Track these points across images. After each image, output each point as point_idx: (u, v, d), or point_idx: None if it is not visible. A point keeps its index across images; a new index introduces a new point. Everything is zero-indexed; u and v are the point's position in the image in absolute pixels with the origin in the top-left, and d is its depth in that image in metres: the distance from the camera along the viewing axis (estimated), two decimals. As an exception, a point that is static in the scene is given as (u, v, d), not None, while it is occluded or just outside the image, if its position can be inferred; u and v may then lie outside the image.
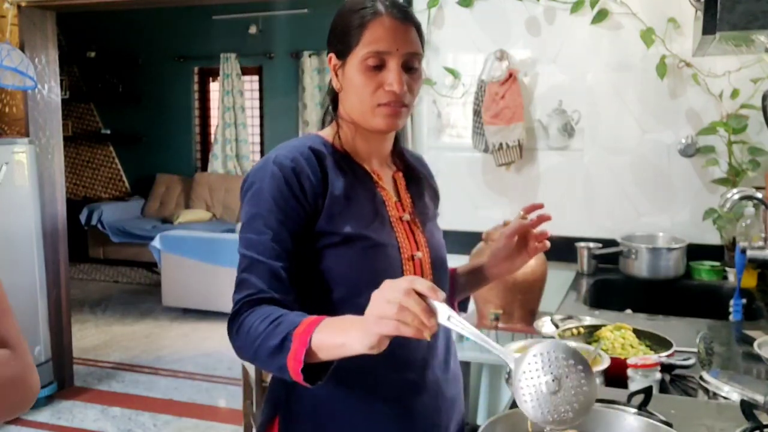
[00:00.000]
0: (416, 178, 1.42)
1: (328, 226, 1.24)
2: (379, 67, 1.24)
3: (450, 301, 1.46)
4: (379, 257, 1.26)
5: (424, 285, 0.97)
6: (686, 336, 1.74)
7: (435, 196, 1.49)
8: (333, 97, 1.34)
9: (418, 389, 1.28)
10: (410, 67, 1.26)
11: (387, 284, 1.00)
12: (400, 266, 1.28)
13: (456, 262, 1.32)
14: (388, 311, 0.97)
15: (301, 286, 1.23)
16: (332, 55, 1.30)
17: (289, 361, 1.06)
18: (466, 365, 3.01)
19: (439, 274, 1.36)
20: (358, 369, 1.16)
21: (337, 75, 1.30)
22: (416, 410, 1.28)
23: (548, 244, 1.40)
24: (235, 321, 1.17)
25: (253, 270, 1.19)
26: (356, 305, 1.10)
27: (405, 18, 1.27)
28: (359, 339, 1.01)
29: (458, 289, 1.52)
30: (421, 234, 1.34)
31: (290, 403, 1.28)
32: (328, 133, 1.35)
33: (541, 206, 1.43)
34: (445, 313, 0.97)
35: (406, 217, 1.34)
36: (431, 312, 0.97)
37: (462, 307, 1.57)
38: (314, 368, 1.07)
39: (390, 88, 1.24)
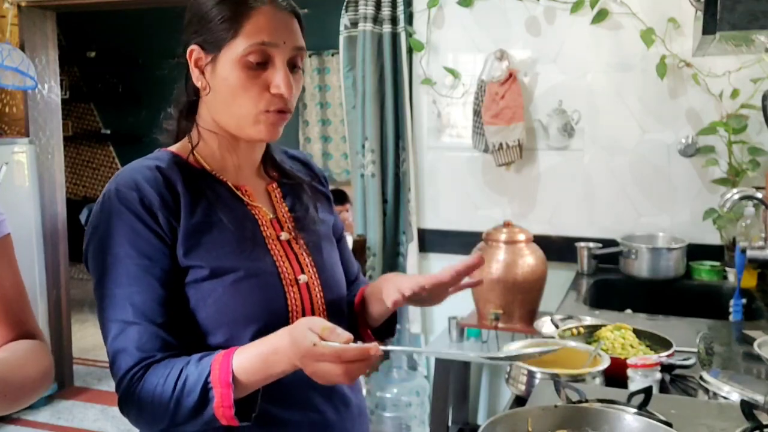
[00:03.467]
0: (296, 187, 1.23)
1: (188, 260, 1.06)
2: (263, 64, 1.06)
3: (362, 331, 1.27)
4: (256, 288, 1.08)
5: (327, 346, 0.92)
6: (686, 336, 1.74)
7: (327, 203, 1.30)
8: (191, 102, 1.14)
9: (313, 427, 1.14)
10: (295, 65, 1.09)
11: (305, 366, 0.95)
12: (282, 295, 1.10)
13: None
14: (321, 381, 0.95)
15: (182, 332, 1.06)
16: (195, 48, 1.11)
17: (217, 410, 0.98)
18: (466, 365, 3.01)
19: (333, 297, 1.19)
20: None
21: (203, 73, 1.10)
22: None
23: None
24: (129, 399, 1.02)
25: (128, 337, 1.02)
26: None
27: (290, 7, 1.09)
28: (288, 363, 0.98)
29: (373, 314, 1.25)
30: (305, 253, 1.17)
31: None
32: (181, 147, 1.15)
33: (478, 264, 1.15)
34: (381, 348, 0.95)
35: (285, 236, 1.16)
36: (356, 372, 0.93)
37: (387, 333, 1.31)
38: (240, 403, 1.00)
39: (277, 90, 1.05)
